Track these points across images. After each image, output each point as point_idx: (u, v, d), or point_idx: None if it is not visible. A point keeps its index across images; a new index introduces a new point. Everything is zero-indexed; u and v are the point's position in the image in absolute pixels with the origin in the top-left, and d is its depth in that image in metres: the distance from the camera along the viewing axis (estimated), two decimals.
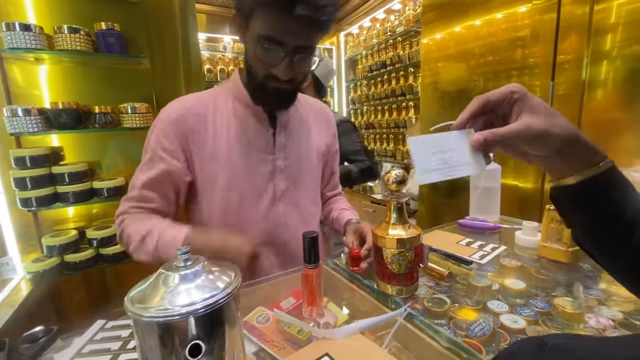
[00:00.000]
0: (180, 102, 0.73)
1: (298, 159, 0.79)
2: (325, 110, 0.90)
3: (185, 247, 0.28)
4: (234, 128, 0.72)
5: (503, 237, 0.96)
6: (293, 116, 0.79)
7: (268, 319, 0.63)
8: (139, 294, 0.27)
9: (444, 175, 0.38)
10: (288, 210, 0.78)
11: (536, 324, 0.61)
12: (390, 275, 0.58)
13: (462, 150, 0.39)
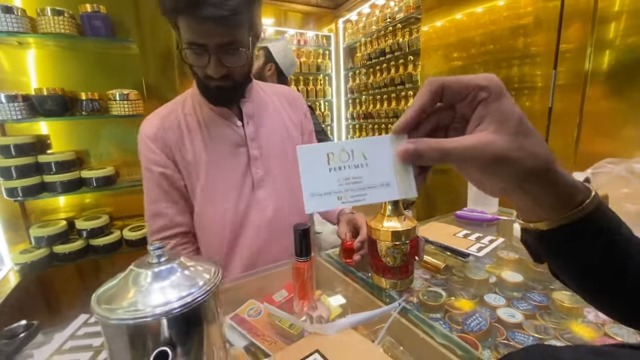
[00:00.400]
0: (154, 117, 0.79)
1: (270, 145, 0.82)
2: (290, 92, 0.93)
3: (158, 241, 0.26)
4: (206, 130, 0.77)
5: (501, 229, 0.95)
6: (258, 105, 0.83)
7: (259, 312, 0.62)
8: (106, 293, 0.25)
9: (347, 200, 0.29)
10: (269, 195, 0.82)
11: (533, 318, 0.60)
12: (385, 268, 0.57)
13: (382, 165, 0.29)
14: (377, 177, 0.29)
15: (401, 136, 0.29)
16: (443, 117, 0.30)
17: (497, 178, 0.27)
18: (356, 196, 0.29)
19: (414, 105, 0.28)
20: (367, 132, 3.18)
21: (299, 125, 0.90)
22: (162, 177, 0.75)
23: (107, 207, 1.64)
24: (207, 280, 0.26)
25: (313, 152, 0.30)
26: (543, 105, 1.42)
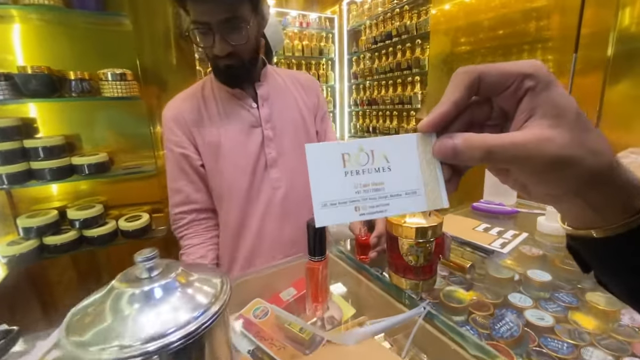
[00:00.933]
0: (175, 100, 0.85)
1: (284, 127, 0.86)
2: (303, 76, 0.97)
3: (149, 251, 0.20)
4: (223, 111, 0.82)
5: (520, 223, 0.91)
6: (273, 88, 0.87)
7: (266, 313, 0.57)
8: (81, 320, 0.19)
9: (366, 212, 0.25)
10: (282, 176, 0.86)
11: (565, 322, 0.56)
12: (406, 267, 0.52)
13: (407, 169, 0.25)
14: (402, 184, 0.25)
15: (430, 135, 0.25)
16: (478, 113, 0.26)
17: (553, 182, 0.23)
18: (377, 207, 0.25)
19: (447, 100, 0.24)
20: (371, 120, 3.11)
21: (313, 108, 0.93)
22: (182, 157, 0.81)
23: (101, 195, 1.58)
24: (214, 298, 0.20)
25: (325, 152, 0.25)
26: None
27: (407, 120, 2.69)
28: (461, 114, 0.25)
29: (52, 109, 1.41)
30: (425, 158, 0.25)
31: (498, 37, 1.57)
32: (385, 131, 2.87)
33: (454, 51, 1.81)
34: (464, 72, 0.24)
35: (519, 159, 0.21)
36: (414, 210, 0.26)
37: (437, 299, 0.60)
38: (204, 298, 0.20)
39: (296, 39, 3.17)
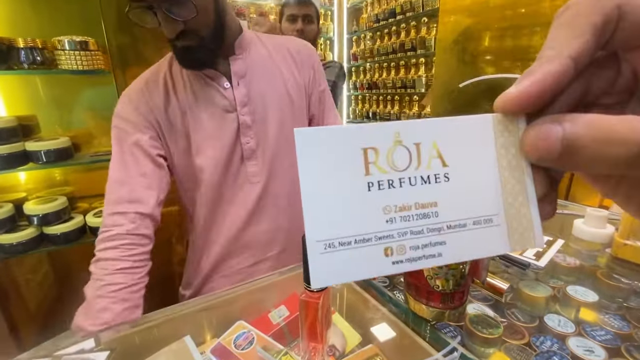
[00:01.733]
0: (137, 81, 0.74)
1: (266, 110, 0.75)
2: (294, 43, 0.83)
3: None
4: (192, 93, 0.72)
5: (549, 226, 0.82)
6: (253, 62, 0.75)
7: (252, 341, 0.49)
8: None
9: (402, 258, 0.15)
10: (261, 169, 0.77)
11: (618, 355, 0.48)
12: (430, 293, 0.42)
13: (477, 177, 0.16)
14: (469, 206, 0.16)
15: (513, 118, 0.16)
16: (597, 81, 0.16)
17: None
18: (424, 248, 0.15)
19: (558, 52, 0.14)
20: (371, 104, 3.00)
21: (305, 85, 0.81)
22: (137, 144, 0.69)
23: (67, 186, 1.45)
24: None
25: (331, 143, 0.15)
26: None
27: (409, 106, 2.60)
28: (574, 82, 0.15)
29: (1, 85, 1.25)
30: (506, 158, 0.16)
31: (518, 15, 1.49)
32: (386, 117, 2.77)
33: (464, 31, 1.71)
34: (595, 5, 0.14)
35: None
36: (491, 254, 0.16)
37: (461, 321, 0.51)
38: None
39: None
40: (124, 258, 0.64)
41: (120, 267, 0.63)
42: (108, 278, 0.62)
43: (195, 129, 0.72)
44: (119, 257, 0.64)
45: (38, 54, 1.11)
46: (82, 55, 1.17)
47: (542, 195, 0.16)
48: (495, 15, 1.57)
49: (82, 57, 1.17)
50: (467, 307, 0.52)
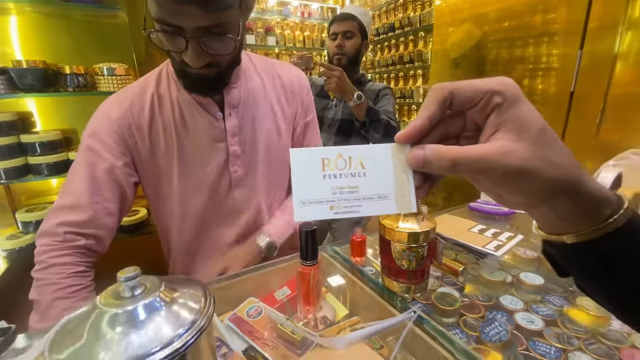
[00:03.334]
0: (121, 97, 0.68)
1: (255, 142, 0.74)
2: (288, 76, 0.79)
3: (132, 270, 0.21)
4: (181, 117, 0.68)
5: (516, 224, 0.91)
6: (246, 92, 0.72)
7: (260, 312, 0.59)
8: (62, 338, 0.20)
9: (339, 211, 0.27)
10: (248, 196, 0.76)
11: (554, 325, 0.57)
12: (398, 271, 0.53)
13: (381, 175, 0.27)
14: (375, 188, 0.28)
15: (404, 145, 0.27)
16: (453, 126, 0.28)
17: (518, 192, 0.25)
18: (351, 207, 0.28)
19: (421, 115, 0.26)
20: None
21: (292, 116, 0.80)
22: (109, 171, 0.64)
23: None
24: (198, 314, 0.21)
25: (307, 156, 0.28)
26: (561, 88, 1.35)
27: (408, 114, 2.69)
28: (436, 127, 0.27)
29: (49, 104, 1.42)
30: (399, 166, 0.28)
31: (504, 29, 1.55)
32: None
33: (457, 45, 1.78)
34: (438, 89, 0.26)
35: (482, 169, 0.23)
36: (384, 212, 0.28)
37: (429, 300, 0.61)
38: (189, 314, 0.21)
39: (297, 30, 3.15)
40: (79, 263, 0.63)
41: (77, 271, 0.62)
42: (66, 281, 0.61)
43: (181, 155, 0.69)
44: (75, 262, 0.62)
45: (82, 79, 1.27)
46: (116, 79, 1.32)
47: (418, 185, 0.28)
48: (486, 28, 1.61)
49: (116, 80, 1.33)
50: (437, 289, 0.62)
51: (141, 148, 0.67)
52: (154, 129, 0.67)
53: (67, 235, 0.62)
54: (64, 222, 0.62)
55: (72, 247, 0.63)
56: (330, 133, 1.37)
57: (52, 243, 0.62)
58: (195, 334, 0.20)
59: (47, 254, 0.61)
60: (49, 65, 1.25)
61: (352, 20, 1.33)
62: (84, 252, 0.64)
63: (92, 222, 0.63)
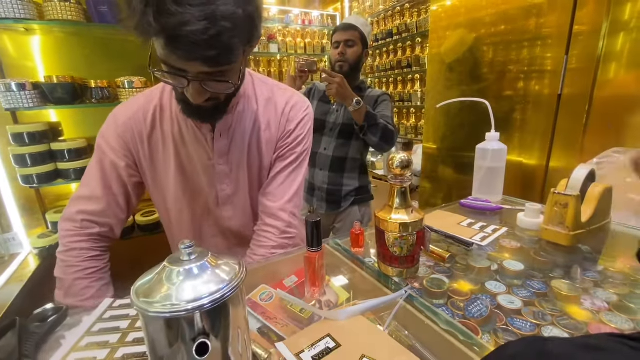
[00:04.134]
0: (129, 105, 0.73)
1: (243, 163, 0.75)
2: (286, 102, 0.78)
3: (188, 241, 0.29)
4: (179, 130, 0.71)
5: (504, 218, 0.97)
6: (240, 117, 0.73)
7: (271, 297, 0.65)
8: (144, 287, 0.28)
9: None
10: (235, 214, 0.79)
11: (532, 305, 0.63)
12: (392, 257, 0.59)
13: None
14: None
15: None
16: None
17: None
18: None
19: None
20: None
21: (275, 142, 0.78)
22: (114, 166, 0.70)
23: None
24: (234, 277, 0.28)
25: None
26: (552, 89, 1.40)
27: (406, 117, 2.74)
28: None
29: (73, 114, 1.51)
30: None
31: (499, 32, 1.57)
32: None
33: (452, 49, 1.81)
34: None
35: None
36: None
37: (422, 286, 0.68)
38: (227, 276, 0.29)
39: (298, 37, 3.22)
40: (94, 248, 0.71)
41: (92, 255, 0.70)
42: (84, 264, 0.69)
43: (178, 165, 0.72)
44: (91, 247, 0.70)
45: (105, 92, 1.36)
46: (135, 92, 1.41)
47: None
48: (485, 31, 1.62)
49: (135, 93, 1.41)
50: (429, 276, 0.69)
51: (141, 154, 0.72)
52: (154, 138, 0.71)
53: (84, 223, 0.70)
54: (82, 210, 0.70)
55: (88, 235, 0.71)
56: (332, 137, 1.43)
57: (72, 228, 0.70)
58: (232, 289, 0.27)
59: (68, 238, 0.70)
60: (75, 79, 1.34)
61: (353, 30, 1.38)
62: (98, 239, 0.72)
63: (105, 212, 0.71)
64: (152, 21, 0.45)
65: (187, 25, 0.45)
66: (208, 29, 0.46)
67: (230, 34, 0.48)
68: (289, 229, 0.79)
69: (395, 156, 0.57)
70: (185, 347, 0.26)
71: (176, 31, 0.45)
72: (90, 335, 0.48)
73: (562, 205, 0.72)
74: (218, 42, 0.48)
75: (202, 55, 0.49)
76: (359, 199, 1.47)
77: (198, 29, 0.45)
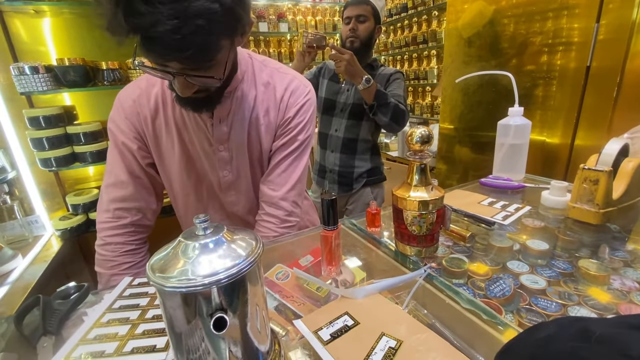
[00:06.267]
0: (132, 87, 0.71)
1: (243, 150, 0.74)
2: (284, 88, 0.75)
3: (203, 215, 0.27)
4: (181, 115, 0.71)
5: (527, 197, 0.93)
6: (239, 103, 0.71)
7: (287, 276, 0.65)
8: (159, 262, 0.27)
9: None
10: (239, 199, 0.80)
11: (557, 285, 0.61)
12: (410, 236, 0.57)
13: None
14: None
15: None
16: None
17: None
18: None
19: None
20: None
21: (275, 130, 0.76)
22: (128, 148, 0.71)
23: None
24: (250, 252, 0.27)
25: None
26: (579, 63, 1.31)
27: (422, 96, 2.66)
28: None
29: (87, 97, 1.52)
30: None
31: (521, 3, 1.47)
32: None
33: (471, 23, 1.73)
34: None
35: None
36: None
37: (440, 265, 0.66)
38: (243, 251, 0.27)
39: (309, 14, 3.12)
40: (128, 242, 0.72)
41: (127, 250, 0.72)
42: (119, 259, 0.70)
43: (182, 149, 0.72)
44: (125, 241, 0.71)
45: (117, 73, 1.35)
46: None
47: None
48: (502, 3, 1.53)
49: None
50: (447, 255, 0.67)
51: (148, 136, 0.72)
52: (157, 123, 0.71)
53: (116, 212, 0.71)
54: (113, 198, 0.71)
55: (122, 226, 0.71)
56: (343, 117, 1.39)
57: (107, 220, 0.71)
58: (249, 264, 0.26)
59: (104, 232, 0.71)
60: (87, 62, 1.34)
61: (365, 5, 1.32)
62: (132, 231, 0.73)
63: (133, 196, 0.72)
64: (122, 22, 0.43)
65: (158, 26, 0.43)
66: (179, 27, 0.43)
67: (205, 31, 0.46)
68: (290, 217, 0.78)
69: (415, 131, 0.54)
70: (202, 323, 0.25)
71: (148, 32, 0.43)
72: (112, 312, 0.49)
73: (592, 181, 0.68)
74: (192, 42, 0.45)
75: (177, 56, 0.47)
76: (371, 180, 1.44)
77: (168, 29, 0.43)
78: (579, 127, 1.30)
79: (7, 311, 0.99)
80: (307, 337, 0.42)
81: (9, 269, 1.16)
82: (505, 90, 1.50)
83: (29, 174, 1.44)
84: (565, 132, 1.33)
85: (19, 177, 1.42)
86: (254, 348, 0.30)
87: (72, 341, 0.42)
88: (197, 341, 0.26)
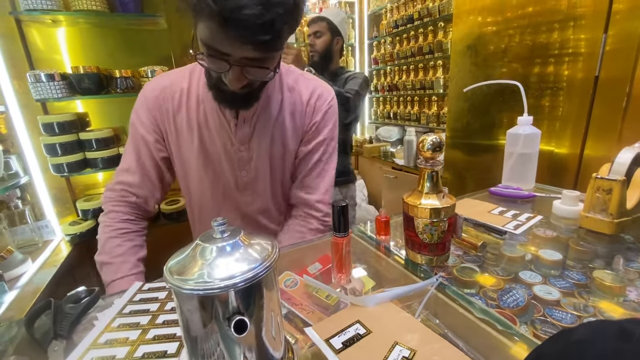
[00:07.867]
0: (157, 81, 0.75)
1: (264, 151, 0.76)
2: (311, 92, 0.77)
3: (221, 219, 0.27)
4: (204, 113, 0.72)
5: (537, 207, 0.92)
6: (264, 106, 0.73)
7: (296, 283, 0.64)
8: (177, 264, 0.27)
9: None
10: (255, 200, 0.81)
11: (571, 296, 0.60)
12: (421, 244, 0.57)
13: None
14: None
15: None
16: None
17: None
18: None
19: None
20: (392, 106, 3.08)
21: (302, 134, 0.79)
22: (145, 140, 0.74)
23: None
24: (267, 256, 0.27)
25: None
26: (587, 73, 1.31)
27: (428, 106, 2.66)
28: None
29: (99, 104, 1.55)
30: None
31: (527, 14, 1.47)
32: (407, 117, 2.85)
33: (477, 33, 1.74)
34: None
35: None
36: None
37: (451, 275, 0.65)
38: (259, 255, 0.27)
39: None
40: (131, 212, 0.75)
41: (127, 218, 0.75)
42: (118, 224, 0.73)
43: (201, 147, 0.73)
44: (127, 212, 0.75)
45: (130, 81, 1.38)
46: None
47: None
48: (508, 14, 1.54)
49: None
50: (458, 265, 0.66)
51: (169, 130, 0.74)
52: (179, 118, 0.73)
53: (122, 192, 0.75)
54: (121, 181, 0.75)
55: (125, 201, 0.75)
56: None
57: (112, 195, 0.76)
58: (265, 269, 0.26)
59: (108, 203, 0.76)
60: (101, 70, 1.37)
61: (320, 21, 1.47)
62: (135, 207, 0.77)
63: (140, 184, 0.75)
64: (211, 2, 0.46)
65: (245, 9, 0.46)
66: (263, 14, 0.47)
67: (283, 20, 0.50)
68: (326, 218, 0.82)
69: (426, 138, 0.54)
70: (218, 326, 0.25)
71: (233, 14, 0.46)
72: (122, 317, 0.49)
73: (605, 191, 0.67)
74: (271, 28, 0.49)
75: (255, 40, 0.50)
76: (339, 180, 1.45)
77: (254, 13, 0.46)
78: (588, 137, 1.29)
79: (16, 315, 0.99)
80: (319, 345, 0.42)
81: (19, 273, 1.17)
82: (511, 101, 1.50)
83: (41, 179, 1.46)
84: (574, 142, 1.32)
85: (31, 182, 1.44)
86: (269, 354, 0.30)
87: (83, 345, 0.42)
88: (213, 345, 0.26)
